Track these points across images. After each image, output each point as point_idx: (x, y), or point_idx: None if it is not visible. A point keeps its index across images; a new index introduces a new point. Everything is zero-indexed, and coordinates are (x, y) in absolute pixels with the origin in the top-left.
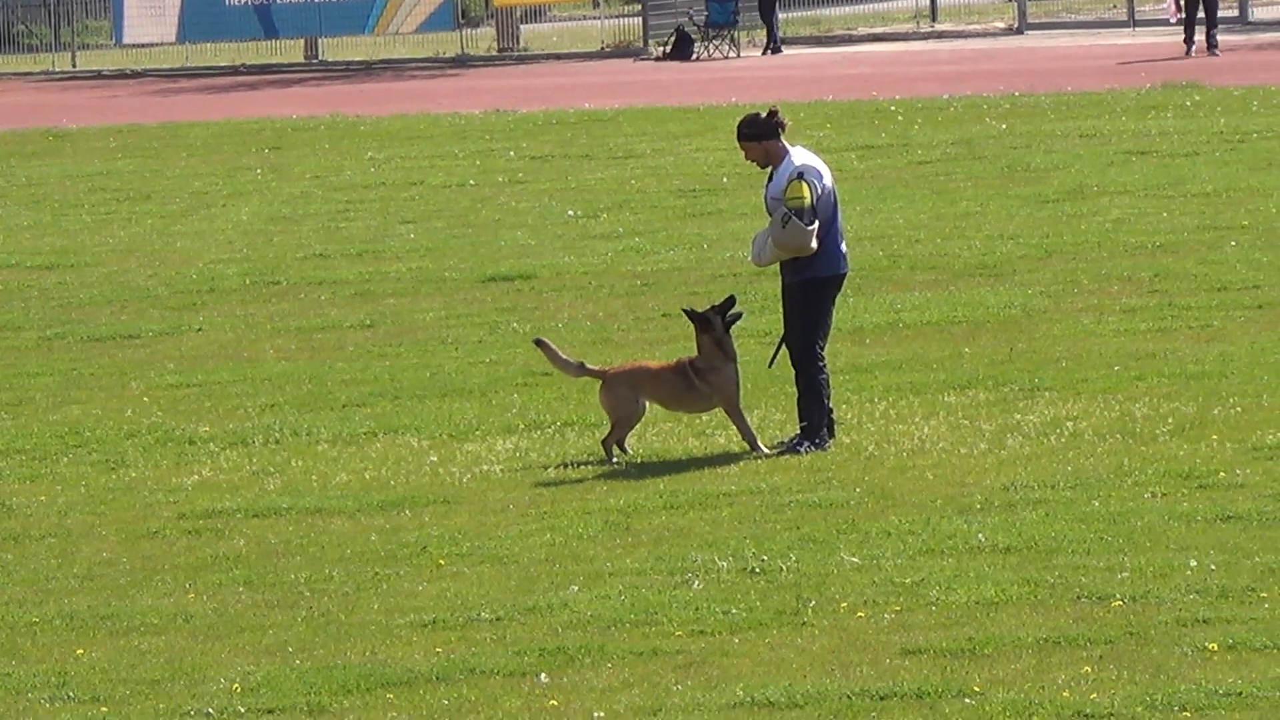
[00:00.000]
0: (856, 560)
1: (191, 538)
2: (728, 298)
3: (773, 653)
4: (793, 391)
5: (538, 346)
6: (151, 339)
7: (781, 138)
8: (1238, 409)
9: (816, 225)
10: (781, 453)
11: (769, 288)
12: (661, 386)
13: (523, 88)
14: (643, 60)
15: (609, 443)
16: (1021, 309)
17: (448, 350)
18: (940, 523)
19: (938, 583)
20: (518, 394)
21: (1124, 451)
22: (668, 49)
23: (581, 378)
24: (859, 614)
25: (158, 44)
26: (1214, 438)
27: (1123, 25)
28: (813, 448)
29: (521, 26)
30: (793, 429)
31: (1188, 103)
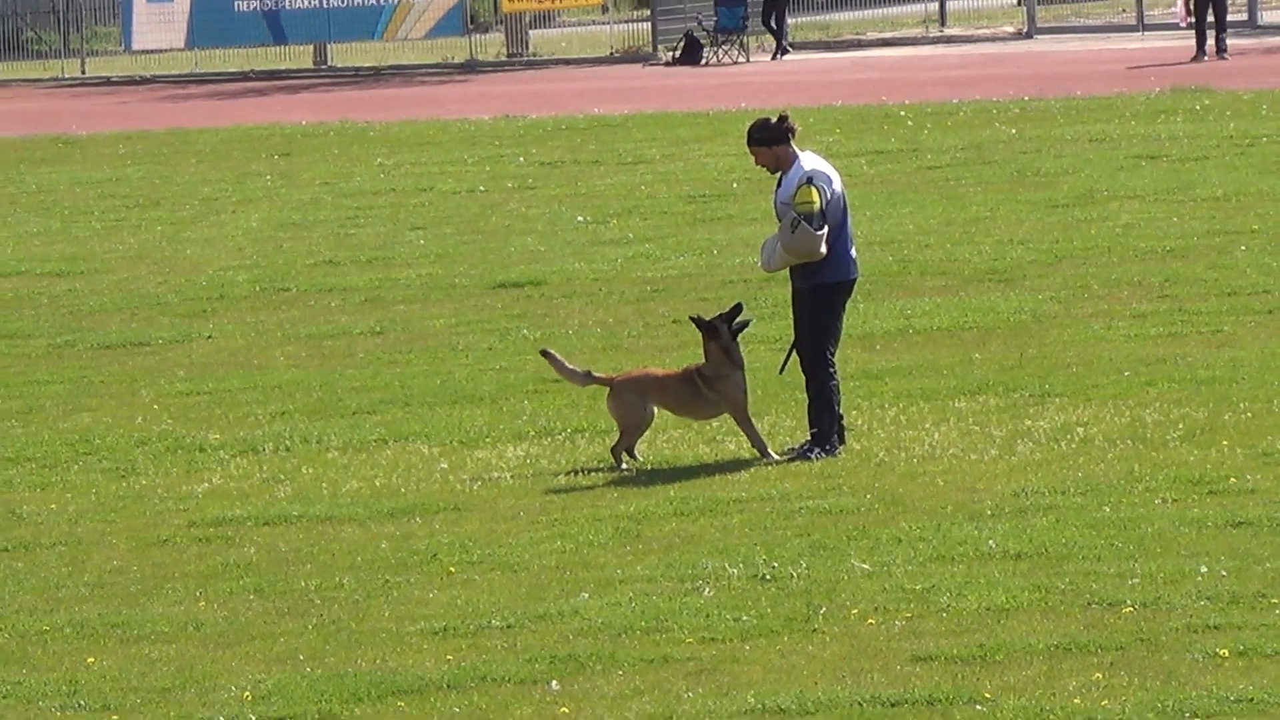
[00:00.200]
0: (867, 567)
1: (202, 545)
2: (735, 305)
3: (783, 660)
4: (803, 398)
5: (544, 357)
6: (161, 346)
7: (791, 143)
8: (1248, 414)
9: (826, 230)
10: (792, 459)
11: (779, 294)
12: (669, 394)
13: (532, 93)
14: (652, 65)
15: (618, 450)
16: (1032, 314)
17: (458, 357)
18: (951, 529)
19: (948, 589)
20: (528, 401)
21: (1134, 457)
22: (677, 54)
23: (590, 386)
24: (870, 621)
25: (167, 50)
26: (1224, 443)
27: (1132, 29)
28: (823, 454)
29: (530, 32)
30: (803, 435)
31: (1197, 107)
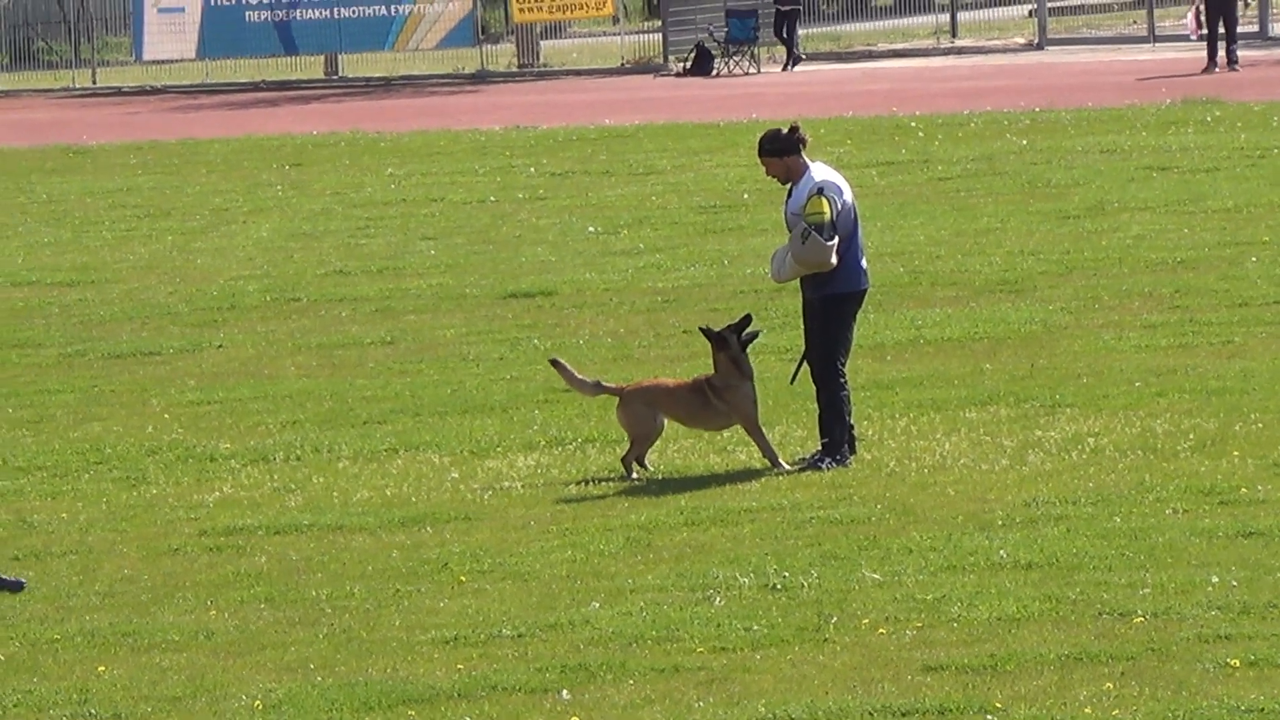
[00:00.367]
0: (878, 577)
1: (213, 554)
2: (744, 316)
3: (794, 669)
4: (814, 408)
5: (553, 367)
6: (172, 356)
7: (802, 154)
8: (1259, 425)
9: (836, 241)
10: (803, 469)
11: (790, 304)
12: (678, 404)
13: (543, 104)
14: (663, 76)
15: (629, 460)
16: (1042, 325)
17: (468, 367)
18: (962, 539)
19: (959, 599)
20: (539, 410)
21: (1145, 467)
22: (688, 65)
23: (599, 395)
24: (880, 630)
25: (178, 60)
26: (1235, 454)
27: (1143, 41)
28: (834, 464)
29: (542, 42)
30: (814, 445)
31: (1208, 118)
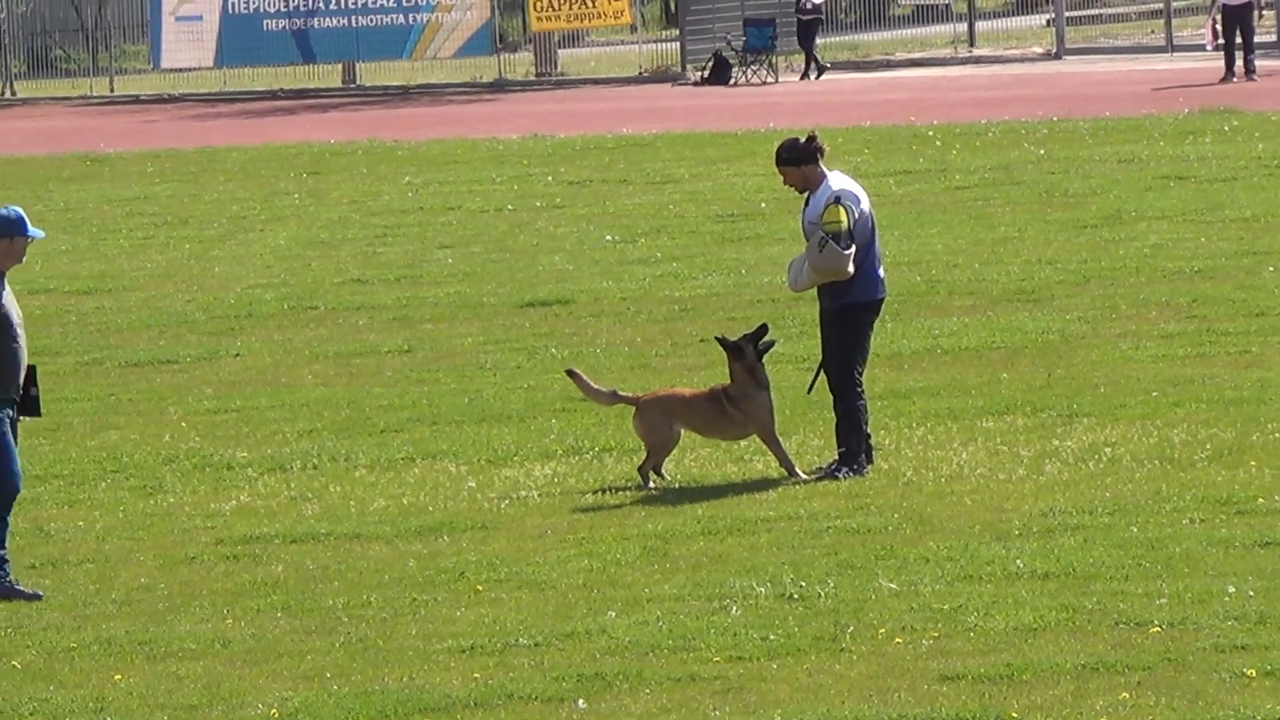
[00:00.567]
0: (895, 586)
1: (229, 563)
2: (760, 326)
3: (811, 679)
4: (831, 417)
5: (569, 377)
6: (189, 364)
7: (820, 163)
8: (1276, 435)
9: (853, 250)
10: (819, 478)
11: (807, 313)
12: (695, 414)
13: (560, 113)
14: (681, 85)
15: (645, 469)
16: (1060, 334)
17: (486, 375)
18: (978, 548)
19: (976, 609)
20: (556, 419)
21: (1162, 477)
22: (706, 74)
23: (616, 405)
24: (897, 640)
25: (195, 69)
26: (1252, 464)
27: (1161, 50)
28: (851, 473)
29: (559, 51)
30: (831, 455)
31: (1225, 128)
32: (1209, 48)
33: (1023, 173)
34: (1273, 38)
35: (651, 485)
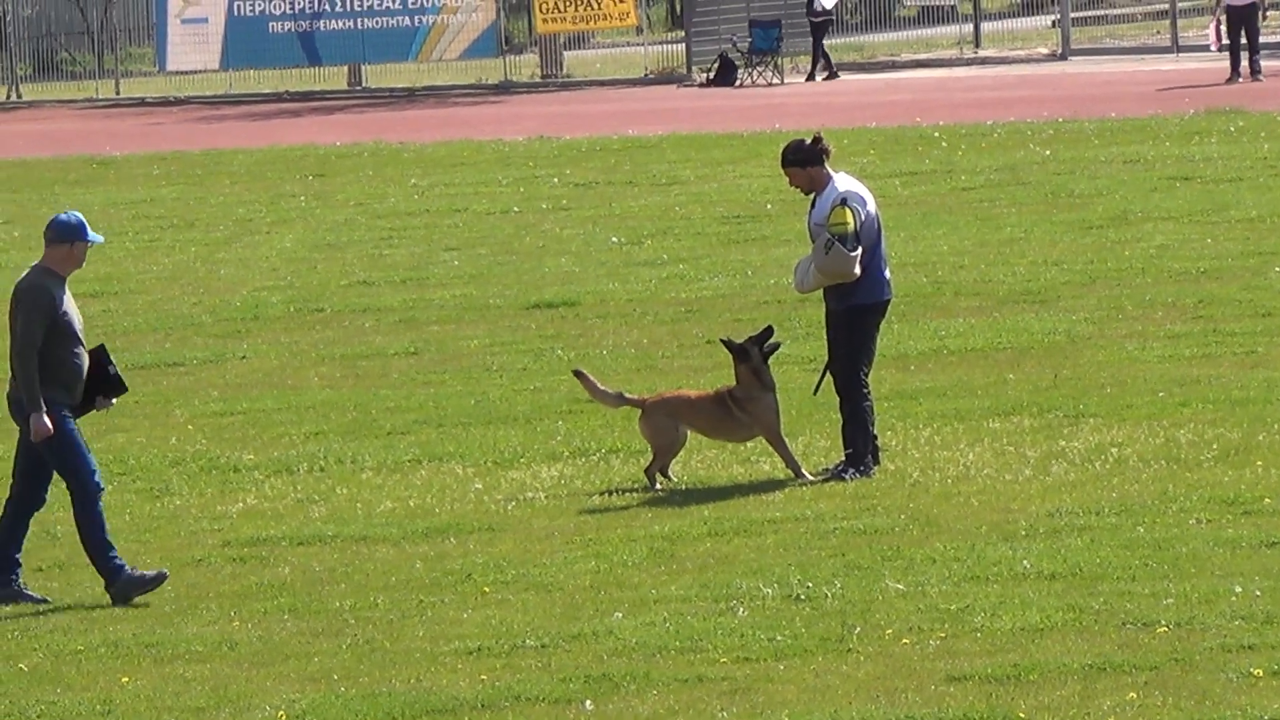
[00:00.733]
0: (901, 587)
1: (236, 565)
2: (765, 328)
3: (818, 679)
4: (837, 418)
5: (576, 378)
6: (196, 366)
7: (825, 164)
8: None
9: (860, 251)
10: (826, 479)
11: (813, 314)
12: (700, 415)
13: (566, 114)
14: (686, 86)
15: (652, 470)
16: (1066, 335)
17: (492, 377)
18: (985, 549)
19: (983, 609)
20: (562, 421)
21: (1168, 478)
22: (711, 75)
23: (622, 407)
24: (904, 641)
25: (201, 71)
26: (1259, 464)
27: (1166, 51)
28: (857, 474)
29: (565, 53)
30: (837, 456)
31: (1231, 128)
32: (1213, 48)
33: (1028, 173)
34: (1278, 38)
35: (658, 487)
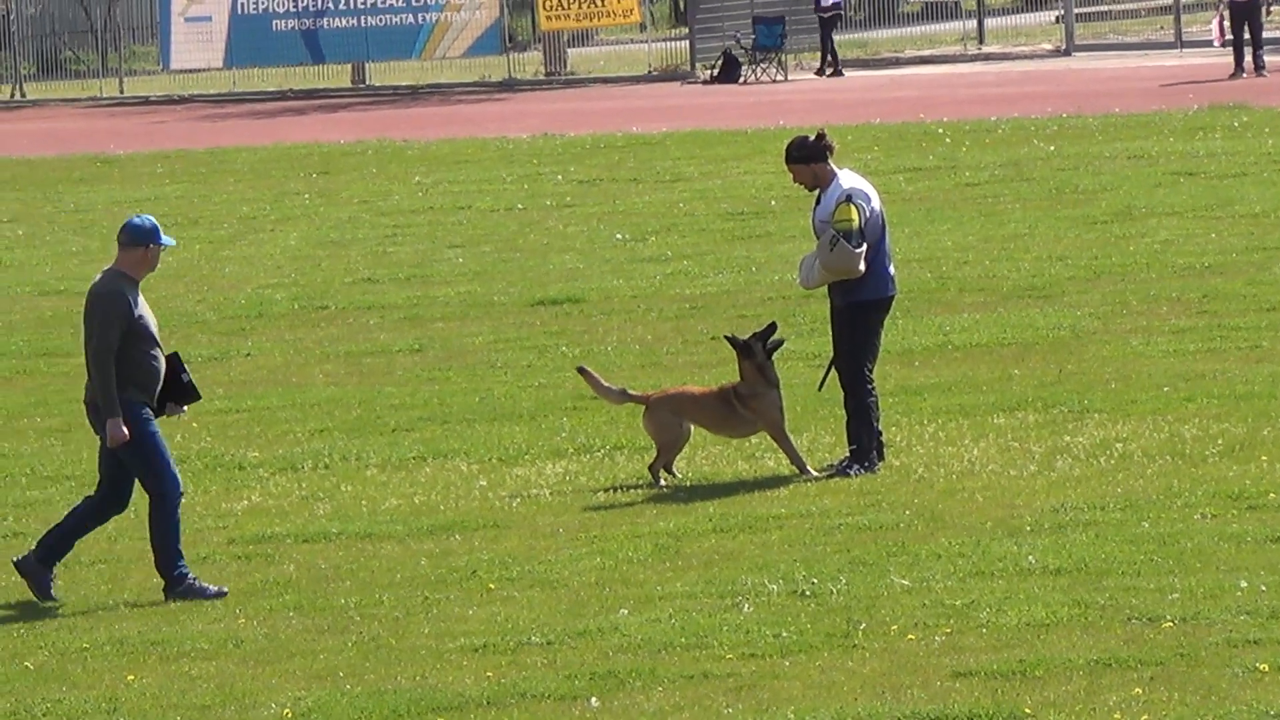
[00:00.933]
0: (907, 583)
1: (241, 563)
2: (769, 324)
3: (823, 675)
4: (842, 414)
5: (580, 375)
6: (200, 364)
7: (830, 160)
8: None
9: (864, 248)
10: (831, 475)
11: (818, 310)
12: (704, 412)
13: (570, 111)
14: (690, 84)
15: (656, 467)
16: (1070, 330)
17: (497, 374)
18: (990, 545)
19: (988, 605)
20: (567, 418)
21: (1174, 473)
22: (715, 72)
23: (626, 403)
24: (909, 636)
25: (205, 70)
26: (1264, 459)
27: (1170, 46)
28: (862, 470)
29: (569, 50)
30: (842, 452)
31: (1235, 124)
32: (1217, 44)
33: (1032, 169)
34: None
35: (663, 483)
